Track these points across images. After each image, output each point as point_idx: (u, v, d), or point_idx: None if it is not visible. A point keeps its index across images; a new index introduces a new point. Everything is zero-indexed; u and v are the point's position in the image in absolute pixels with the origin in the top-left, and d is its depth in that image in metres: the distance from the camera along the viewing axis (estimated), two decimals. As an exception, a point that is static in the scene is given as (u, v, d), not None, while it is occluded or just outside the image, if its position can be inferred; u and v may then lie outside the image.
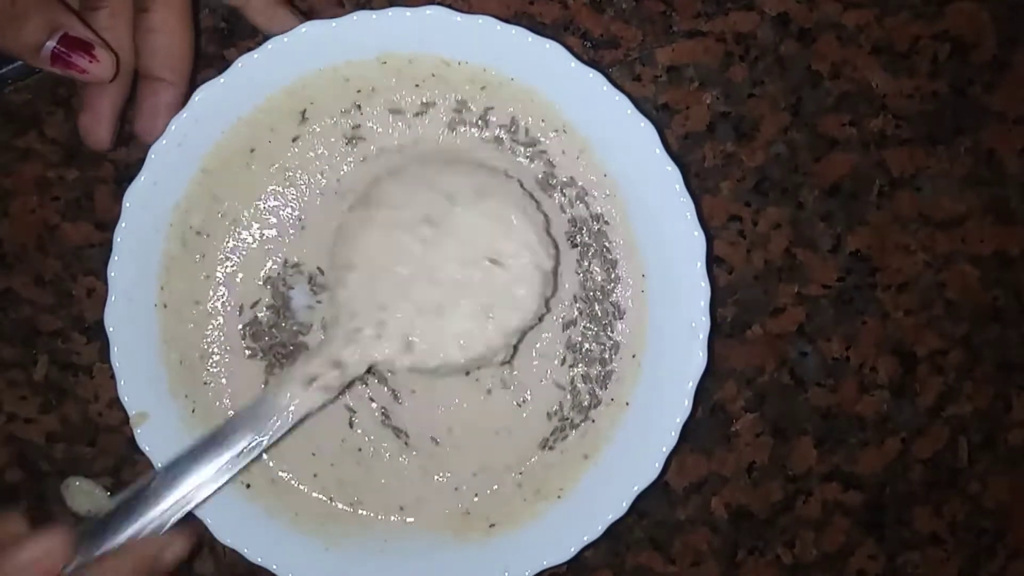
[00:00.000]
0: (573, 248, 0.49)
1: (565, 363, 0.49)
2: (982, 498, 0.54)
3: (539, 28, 0.50)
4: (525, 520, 0.48)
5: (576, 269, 0.49)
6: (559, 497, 0.48)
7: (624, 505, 0.46)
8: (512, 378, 0.49)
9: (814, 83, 0.52)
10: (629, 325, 0.49)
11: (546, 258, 0.45)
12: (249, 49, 0.45)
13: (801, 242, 0.53)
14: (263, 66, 0.45)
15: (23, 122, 0.51)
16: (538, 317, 0.46)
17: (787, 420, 0.53)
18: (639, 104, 0.45)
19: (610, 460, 0.48)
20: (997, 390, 0.54)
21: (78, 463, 0.52)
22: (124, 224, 0.46)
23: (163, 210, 0.47)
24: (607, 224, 0.48)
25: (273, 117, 0.47)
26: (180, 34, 0.44)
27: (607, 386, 0.49)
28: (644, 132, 0.46)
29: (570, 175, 0.48)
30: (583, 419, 0.49)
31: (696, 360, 0.46)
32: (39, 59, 0.41)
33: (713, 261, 0.52)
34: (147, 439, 0.47)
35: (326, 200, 0.48)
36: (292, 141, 0.48)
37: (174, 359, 0.48)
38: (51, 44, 0.41)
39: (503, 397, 0.49)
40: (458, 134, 0.48)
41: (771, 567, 0.54)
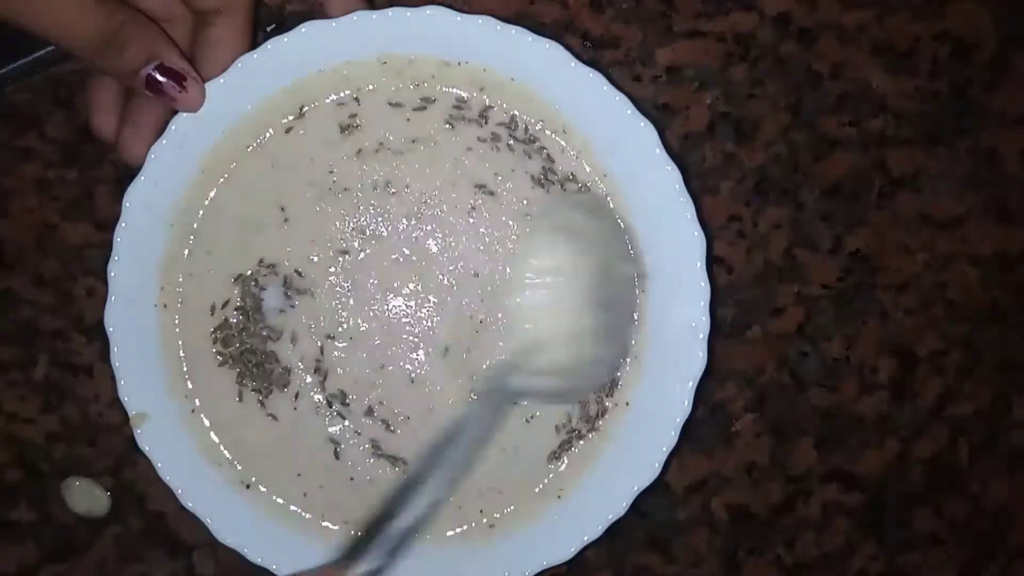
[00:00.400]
0: (573, 248, 0.49)
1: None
2: (982, 499, 0.54)
3: (539, 28, 0.50)
4: (525, 520, 0.48)
5: (576, 269, 0.49)
6: (559, 497, 0.48)
7: (624, 505, 0.46)
8: None
9: (814, 83, 0.52)
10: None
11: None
12: (249, 49, 0.45)
13: (801, 242, 0.53)
14: (263, 66, 0.45)
15: (23, 122, 0.51)
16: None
17: (787, 420, 0.53)
18: (639, 104, 0.45)
19: (610, 460, 0.48)
20: (997, 390, 0.54)
21: (78, 463, 0.52)
22: (124, 224, 0.46)
23: (163, 210, 0.47)
24: (607, 224, 0.48)
25: (271, 116, 0.47)
26: (240, 47, 0.45)
27: (613, 394, 0.49)
28: (644, 132, 0.45)
29: (570, 173, 0.48)
30: (590, 429, 0.49)
31: (696, 360, 0.46)
32: (134, 82, 0.43)
33: (713, 261, 0.52)
34: (147, 439, 0.46)
35: (315, 193, 0.48)
36: (286, 133, 0.48)
37: (174, 360, 0.48)
38: (147, 70, 0.43)
39: (510, 415, 0.49)
40: (457, 131, 0.48)
41: (771, 567, 0.54)
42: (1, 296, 0.52)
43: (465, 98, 0.48)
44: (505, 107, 0.48)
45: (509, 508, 0.49)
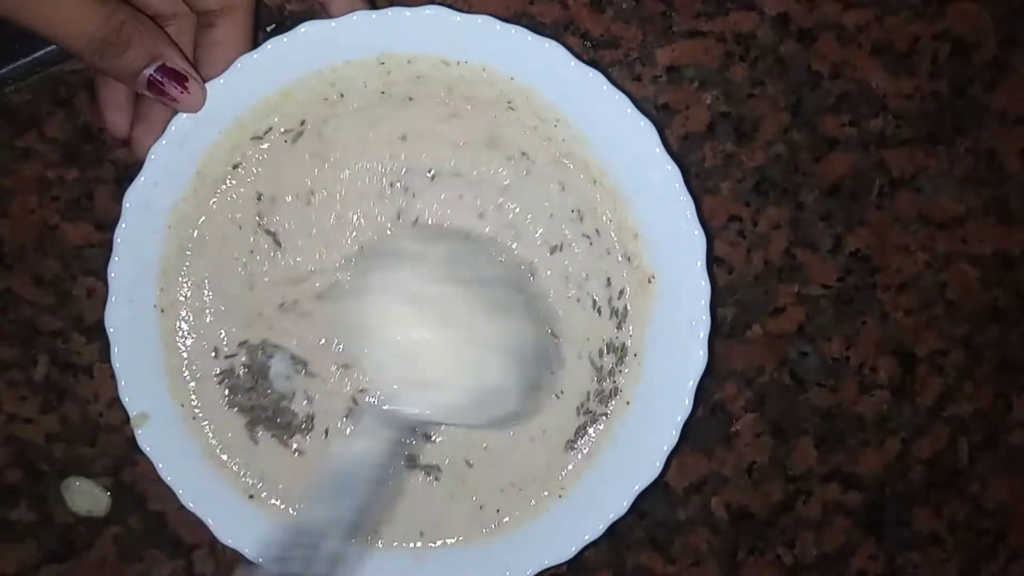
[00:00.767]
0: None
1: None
2: (982, 499, 0.54)
3: (539, 28, 0.50)
4: (526, 519, 0.48)
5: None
6: (560, 496, 0.48)
7: (625, 504, 0.46)
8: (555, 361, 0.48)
9: (814, 83, 0.52)
10: (630, 324, 0.49)
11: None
12: (248, 49, 0.45)
13: (801, 242, 0.53)
14: (263, 67, 0.45)
15: (23, 122, 0.51)
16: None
17: (787, 420, 0.53)
18: (639, 104, 0.45)
19: (611, 459, 0.48)
20: (997, 390, 0.54)
21: (78, 463, 0.52)
22: (124, 225, 0.45)
23: (162, 211, 0.47)
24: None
25: (271, 116, 0.47)
26: (242, 47, 0.45)
27: (622, 373, 0.49)
28: (644, 131, 0.45)
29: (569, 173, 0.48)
30: (603, 412, 0.49)
31: (697, 359, 0.46)
32: (136, 83, 0.43)
33: (713, 261, 0.52)
34: (148, 440, 0.46)
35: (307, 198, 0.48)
36: (284, 132, 0.48)
37: (174, 362, 0.48)
38: (149, 71, 0.43)
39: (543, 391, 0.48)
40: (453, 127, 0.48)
41: (771, 567, 0.54)
42: (1, 296, 0.52)
43: (467, 96, 0.48)
44: (503, 106, 0.48)
45: (517, 499, 0.49)
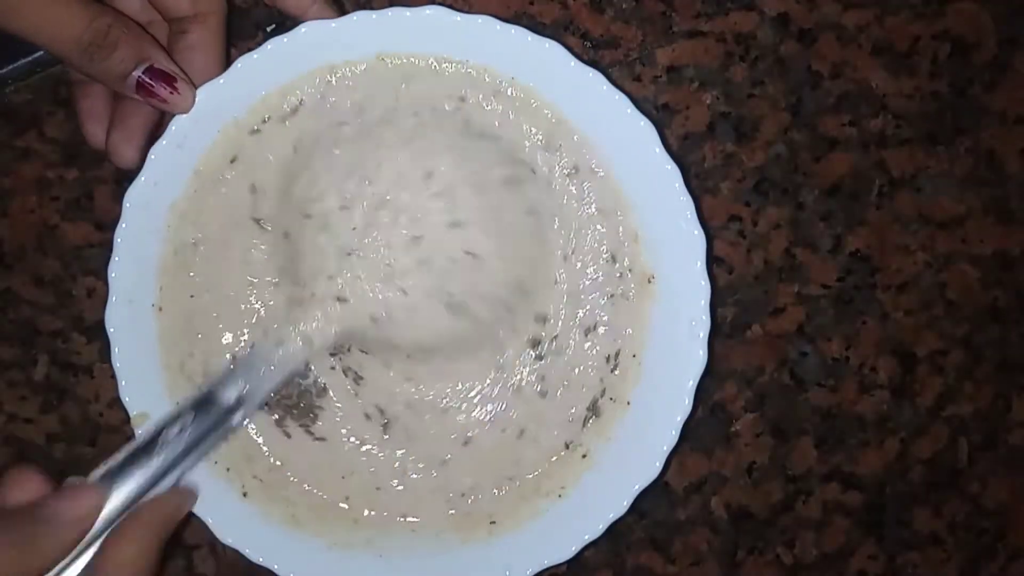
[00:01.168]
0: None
1: (588, 336, 0.49)
2: (982, 499, 0.54)
3: (539, 28, 0.50)
4: (525, 519, 0.48)
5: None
6: (559, 496, 0.48)
7: (625, 504, 0.46)
8: (546, 366, 0.49)
9: (814, 83, 0.52)
10: (630, 324, 0.49)
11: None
12: (249, 49, 0.45)
13: (801, 242, 0.53)
14: (263, 67, 0.45)
15: (23, 122, 0.51)
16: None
17: (787, 420, 0.53)
18: (639, 104, 0.45)
19: (611, 459, 0.48)
20: (997, 390, 0.54)
21: (78, 463, 0.52)
22: (124, 224, 0.45)
23: (162, 211, 0.47)
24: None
25: (270, 116, 0.47)
26: (216, 52, 0.45)
27: (617, 370, 0.49)
28: (644, 131, 0.45)
29: (568, 170, 0.48)
30: (602, 412, 0.48)
31: (696, 359, 0.46)
32: (124, 86, 0.43)
33: (713, 261, 0.52)
34: (148, 439, 0.46)
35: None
36: (283, 129, 0.48)
37: (174, 363, 0.48)
38: (137, 74, 0.43)
39: (533, 390, 0.48)
40: (456, 129, 0.48)
41: (771, 567, 0.54)
42: (1, 296, 0.52)
43: (465, 96, 0.48)
44: (502, 107, 0.47)
45: (504, 490, 0.49)
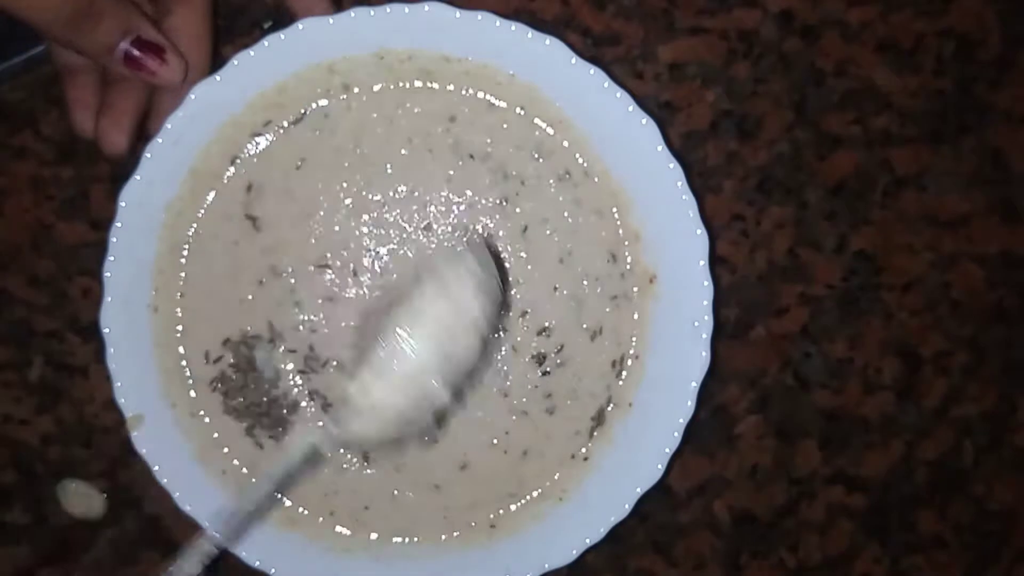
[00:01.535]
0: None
1: (595, 340, 0.48)
2: (987, 501, 0.54)
3: (539, 24, 0.50)
4: (526, 522, 0.48)
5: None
6: (560, 499, 0.48)
7: (626, 507, 0.46)
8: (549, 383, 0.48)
9: (818, 81, 0.52)
10: (632, 325, 0.48)
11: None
12: (246, 46, 0.45)
13: (805, 242, 0.52)
14: (260, 64, 0.45)
15: (18, 120, 0.51)
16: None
17: (791, 422, 0.53)
18: (641, 101, 0.45)
19: (612, 461, 0.48)
20: (1003, 391, 0.54)
21: (73, 465, 0.52)
22: (119, 224, 0.45)
23: (157, 210, 0.46)
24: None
25: (269, 113, 0.47)
26: (201, 36, 0.44)
27: (623, 374, 0.48)
28: (645, 129, 0.45)
29: (568, 170, 0.48)
30: (604, 414, 0.48)
31: (699, 360, 0.46)
32: (112, 60, 0.42)
33: (716, 261, 0.51)
34: (144, 441, 0.46)
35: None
36: (282, 129, 0.47)
37: (169, 364, 0.48)
38: (124, 46, 0.42)
39: (539, 408, 0.48)
40: (457, 128, 0.47)
41: (774, 571, 0.53)
42: (-5, 296, 0.52)
43: (467, 94, 0.47)
44: (504, 104, 0.47)
45: (516, 512, 0.49)
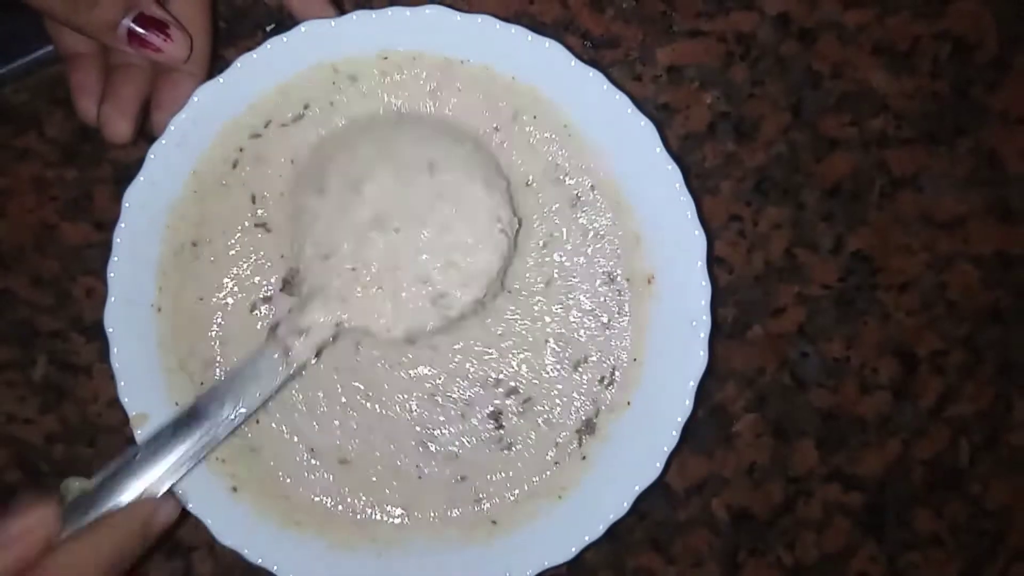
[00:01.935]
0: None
1: (578, 368, 0.49)
2: (983, 499, 0.54)
3: (539, 27, 0.50)
4: (526, 520, 0.48)
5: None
6: (560, 497, 0.48)
7: (625, 505, 0.46)
8: (530, 390, 0.49)
9: (815, 83, 0.52)
10: (630, 325, 0.48)
11: (508, 224, 0.45)
12: (248, 49, 0.45)
13: (802, 242, 0.53)
14: (262, 66, 0.45)
15: (22, 121, 0.51)
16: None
17: (788, 421, 0.53)
18: (639, 104, 0.45)
19: (611, 460, 0.48)
20: (998, 391, 0.54)
21: (77, 464, 0.52)
22: (123, 224, 0.45)
23: (161, 210, 0.46)
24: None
25: (270, 115, 0.47)
26: (201, 25, 0.44)
27: (614, 385, 0.49)
28: (644, 131, 0.45)
29: (568, 171, 0.48)
30: (603, 413, 0.49)
31: (697, 359, 0.46)
32: (115, 38, 0.41)
33: (714, 261, 0.52)
34: (147, 440, 0.46)
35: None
36: (282, 129, 0.47)
37: (173, 363, 0.48)
38: (127, 23, 0.41)
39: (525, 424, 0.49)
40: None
41: (772, 569, 0.54)
42: None
43: (467, 96, 0.47)
44: (504, 105, 0.47)
45: (515, 510, 0.49)
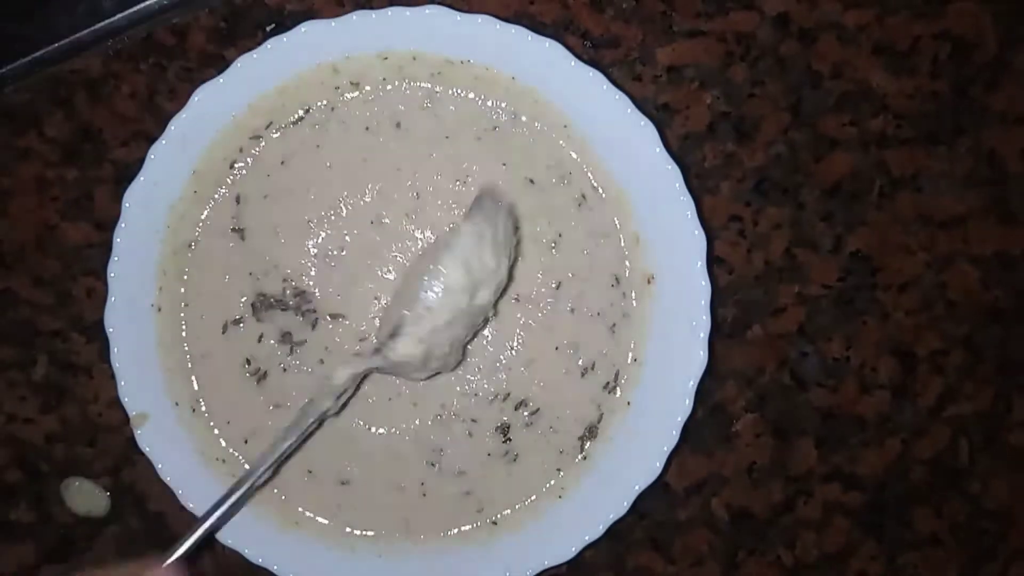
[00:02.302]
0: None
1: (585, 375, 0.49)
2: (983, 499, 0.54)
3: (539, 28, 0.50)
4: (526, 520, 0.48)
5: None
6: (560, 497, 0.48)
7: (625, 504, 0.46)
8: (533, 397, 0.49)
9: (814, 83, 0.52)
10: (631, 325, 0.48)
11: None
12: (248, 49, 0.45)
13: (801, 242, 0.53)
14: (262, 66, 0.45)
15: (23, 122, 0.51)
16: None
17: (787, 421, 0.53)
18: (639, 104, 0.45)
19: (611, 460, 0.48)
20: (998, 390, 0.54)
21: (77, 463, 0.52)
22: (124, 225, 0.45)
23: (161, 211, 0.47)
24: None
25: (270, 115, 0.47)
26: None
27: (617, 390, 0.49)
28: (644, 131, 0.45)
29: (568, 171, 0.48)
30: (602, 413, 0.49)
31: (697, 359, 0.46)
32: None
33: (713, 261, 0.52)
34: (148, 440, 0.47)
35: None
36: (282, 130, 0.47)
37: (173, 363, 0.48)
38: None
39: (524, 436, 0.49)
40: (460, 128, 0.48)
41: (771, 568, 0.54)
42: (0, 296, 0.52)
43: (468, 96, 0.48)
44: (505, 105, 0.48)
45: (515, 509, 0.49)
